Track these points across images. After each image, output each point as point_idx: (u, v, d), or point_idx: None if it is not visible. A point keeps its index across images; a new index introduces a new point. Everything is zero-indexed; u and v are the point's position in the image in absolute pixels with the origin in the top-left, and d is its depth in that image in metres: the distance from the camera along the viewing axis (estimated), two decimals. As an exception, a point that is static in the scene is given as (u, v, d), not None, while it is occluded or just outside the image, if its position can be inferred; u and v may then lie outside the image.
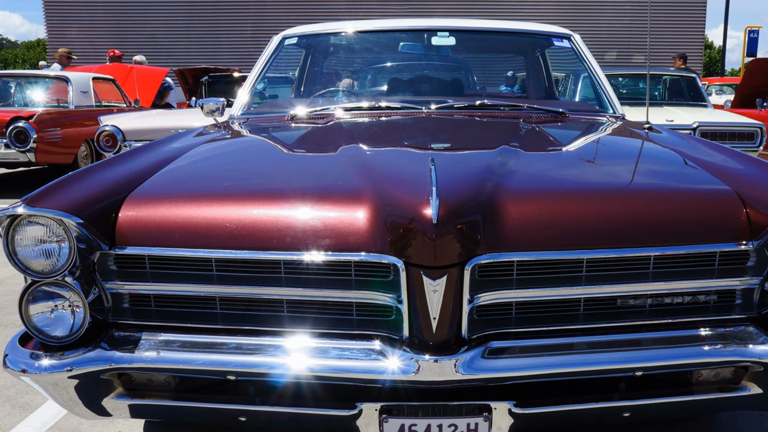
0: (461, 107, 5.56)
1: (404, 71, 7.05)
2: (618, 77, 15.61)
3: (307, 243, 3.04)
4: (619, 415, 3.26)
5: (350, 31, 6.49)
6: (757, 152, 12.13)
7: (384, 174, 3.35)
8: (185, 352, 3.11)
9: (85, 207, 3.15)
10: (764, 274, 3.24)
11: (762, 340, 3.18)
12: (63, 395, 3.20)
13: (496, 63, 10.62)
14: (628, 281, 3.16)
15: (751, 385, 3.24)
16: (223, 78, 20.27)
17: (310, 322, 3.16)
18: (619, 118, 5.61)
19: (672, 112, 12.95)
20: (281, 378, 3.05)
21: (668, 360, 3.13)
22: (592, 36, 27.62)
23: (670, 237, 3.17)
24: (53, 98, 15.65)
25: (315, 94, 6.85)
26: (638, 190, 3.47)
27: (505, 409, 3.05)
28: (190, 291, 3.19)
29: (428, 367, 2.95)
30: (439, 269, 2.92)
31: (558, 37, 6.49)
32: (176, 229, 3.15)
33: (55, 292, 3.12)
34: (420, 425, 3.02)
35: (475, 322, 3.07)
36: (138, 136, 11.03)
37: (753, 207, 3.24)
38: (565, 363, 3.08)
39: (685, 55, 19.47)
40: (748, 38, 40.60)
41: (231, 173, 3.85)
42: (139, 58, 22.09)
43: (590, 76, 6.15)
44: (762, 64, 19.35)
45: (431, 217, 2.86)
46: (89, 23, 34.50)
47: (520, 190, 3.25)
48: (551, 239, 3.09)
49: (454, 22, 6.62)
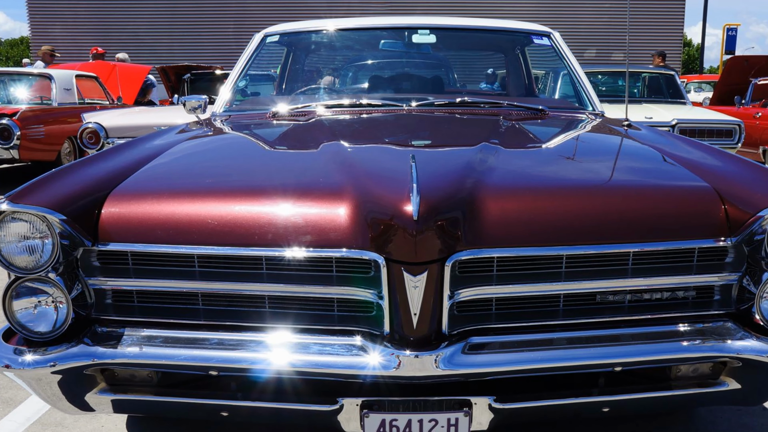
0: (442, 104, 5.58)
1: (385, 69, 7.06)
2: (597, 75, 15.65)
3: (288, 239, 3.05)
4: (598, 410, 3.28)
5: (331, 29, 6.49)
6: (735, 149, 12.21)
7: (365, 171, 3.37)
8: (168, 348, 3.12)
9: (68, 203, 3.15)
10: (742, 270, 3.27)
11: (740, 336, 3.20)
12: (46, 390, 3.20)
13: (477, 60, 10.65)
14: (608, 277, 3.18)
15: (729, 380, 3.27)
16: (205, 75, 20.20)
17: (292, 317, 3.17)
18: (599, 115, 5.62)
19: (651, 110, 13.00)
20: (263, 373, 3.06)
21: (647, 355, 3.16)
22: (572, 34, 27.63)
23: (649, 233, 3.18)
24: (37, 95, 15.58)
25: (296, 91, 6.84)
26: (617, 186, 3.49)
27: (485, 405, 3.07)
28: (172, 287, 3.20)
29: (409, 363, 2.96)
30: (420, 265, 2.94)
31: (538, 35, 6.50)
32: (159, 226, 3.16)
33: (39, 288, 3.13)
34: (401, 420, 3.04)
35: (456, 317, 3.09)
36: (121, 133, 10.98)
37: (731, 203, 3.26)
38: (545, 358, 3.09)
39: (664, 53, 19.51)
40: (726, 36, 40.75)
41: (213, 170, 3.86)
42: (121, 56, 22.02)
43: (570, 74, 6.17)
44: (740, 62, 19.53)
45: (412, 214, 2.87)
46: (72, 21, 34.41)
47: (500, 187, 3.26)
48: (531, 236, 3.11)
49: (435, 20, 6.63)
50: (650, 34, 32.83)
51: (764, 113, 15.62)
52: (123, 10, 33.85)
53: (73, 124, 14.40)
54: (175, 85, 20.48)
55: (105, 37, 32.11)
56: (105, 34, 33.08)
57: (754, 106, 16.78)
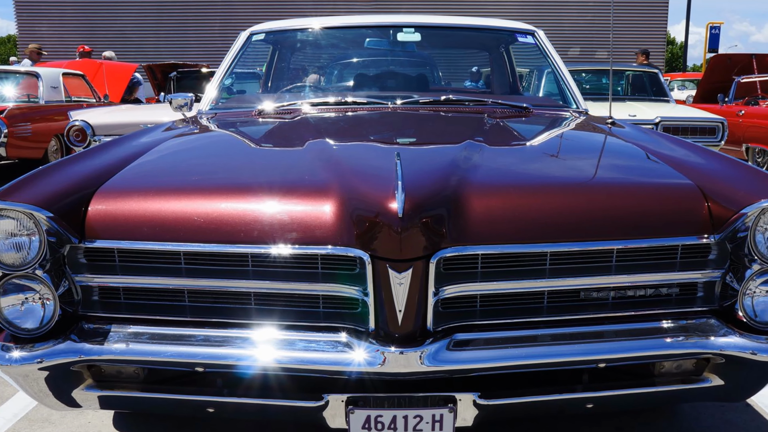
0: (426, 102, 5.58)
1: (370, 67, 7.07)
2: (581, 73, 15.69)
3: (274, 236, 3.06)
4: (582, 406, 3.30)
5: (317, 27, 6.49)
6: (718, 147, 12.22)
7: (350, 168, 3.38)
8: (154, 344, 3.12)
9: (55, 201, 3.16)
10: (726, 267, 3.28)
11: (723, 333, 3.21)
12: (33, 387, 3.21)
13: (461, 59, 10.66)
14: (592, 274, 3.19)
15: (712, 376, 3.28)
16: (191, 73, 20.22)
17: (278, 314, 3.17)
18: (583, 113, 5.64)
19: (635, 107, 13.01)
20: (249, 370, 3.07)
21: (631, 352, 3.17)
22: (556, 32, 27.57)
23: (633, 230, 3.19)
24: (24, 93, 15.55)
25: (282, 89, 6.85)
26: (601, 184, 3.51)
27: (470, 401, 3.08)
28: (158, 284, 3.20)
29: (394, 359, 2.97)
30: (405, 262, 2.95)
31: (522, 33, 6.52)
32: (145, 223, 3.16)
33: (26, 284, 3.12)
34: (386, 416, 3.05)
35: (440, 314, 3.10)
36: (107, 131, 10.96)
37: (714, 201, 3.27)
38: (529, 355, 3.11)
39: (648, 51, 19.58)
40: (709, 34, 40.82)
41: (199, 167, 3.87)
42: (108, 54, 21.98)
43: (554, 72, 6.19)
44: (723, 60, 19.57)
45: (397, 211, 2.88)
46: (59, 20, 34.42)
47: (484, 185, 3.27)
48: (515, 233, 3.11)
49: (420, 19, 6.64)
50: (634, 32, 32.95)
51: (747, 111, 15.66)
52: (110, 9, 33.90)
53: (60, 121, 14.39)
54: (161, 83, 20.46)
55: (92, 36, 32.08)
56: (92, 32, 33.07)
57: (737, 103, 16.82)
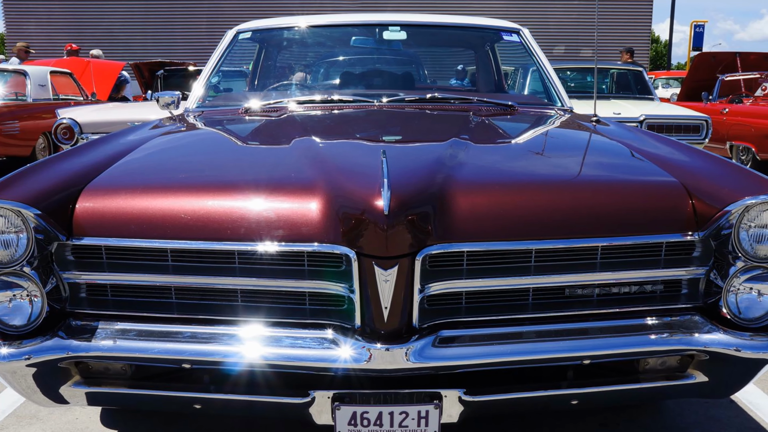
0: (412, 100, 5.60)
1: (356, 65, 7.08)
2: (566, 71, 15.70)
3: (260, 234, 3.07)
4: (567, 402, 3.31)
5: (303, 25, 6.51)
6: (702, 144, 12.26)
7: (336, 166, 3.39)
8: (141, 341, 3.13)
9: (42, 198, 3.16)
10: (710, 264, 3.30)
11: (707, 329, 3.23)
12: (21, 383, 3.21)
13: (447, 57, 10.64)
14: (576, 271, 3.21)
15: (696, 373, 3.30)
16: (178, 71, 20.27)
17: (264, 311, 3.18)
18: (568, 111, 5.66)
19: (619, 105, 13.04)
20: (235, 366, 3.08)
21: (615, 348, 3.19)
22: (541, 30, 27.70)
23: (618, 228, 3.21)
24: (11, 91, 15.55)
25: (269, 87, 6.84)
26: (586, 181, 3.53)
27: (455, 397, 3.10)
28: (146, 281, 3.21)
29: (380, 356, 2.98)
30: (391, 259, 2.96)
31: (507, 32, 6.54)
32: (132, 220, 3.16)
33: (14, 282, 3.12)
34: (372, 413, 3.06)
35: (426, 311, 3.11)
36: (95, 129, 10.94)
37: (698, 198, 3.29)
38: (514, 351, 3.13)
39: (632, 49, 19.61)
40: (693, 32, 40.76)
41: (186, 165, 3.88)
42: (95, 52, 21.95)
43: (539, 70, 6.20)
44: (707, 58, 19.64)
45: (383, 208, 2.89)
46: (47, 18, 34.50)
47: (470, 182, 3.29)
48: (500, 230, 3.13)
49: (406, 17, 6.66)
50: (618, 30, 33.09)
51: (731, 109, 15.74)
52: (97, 8, 33.95)
53: (47, 119, 14.41)
54: (148, 81, 20.53)
55: (79, 34, 32.15)
56: (79, 31, 33.14)
57: (721, 102, 16.91)
